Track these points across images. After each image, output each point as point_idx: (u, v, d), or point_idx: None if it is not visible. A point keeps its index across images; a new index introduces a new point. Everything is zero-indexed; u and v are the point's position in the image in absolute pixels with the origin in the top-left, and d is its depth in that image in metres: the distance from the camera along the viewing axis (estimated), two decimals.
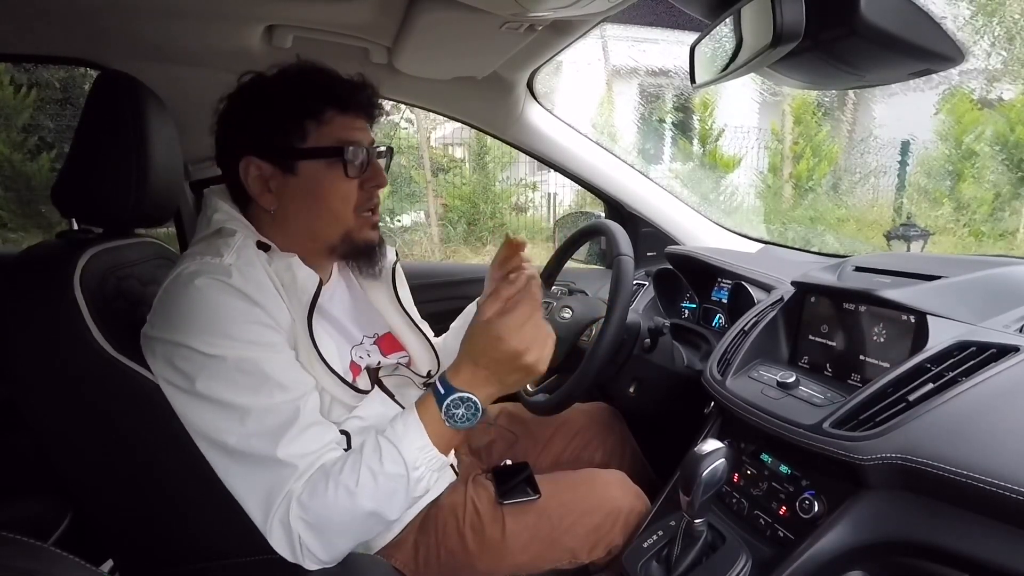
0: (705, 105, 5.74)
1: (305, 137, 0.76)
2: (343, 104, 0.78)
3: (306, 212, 0.79)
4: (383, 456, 0.67)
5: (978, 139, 4.77)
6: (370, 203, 0.82)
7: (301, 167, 0.76)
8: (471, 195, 6.02)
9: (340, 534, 0.68)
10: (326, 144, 0.76)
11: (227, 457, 0.67)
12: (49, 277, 0.72)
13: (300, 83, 0.77)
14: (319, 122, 0.76)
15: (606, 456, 1.10)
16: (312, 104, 0.76)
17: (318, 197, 0.78)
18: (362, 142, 0.79)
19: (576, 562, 0.85)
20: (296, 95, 0.76)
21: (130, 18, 1.01)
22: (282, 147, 0.76)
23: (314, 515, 0.66)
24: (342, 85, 0.78)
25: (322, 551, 0.67)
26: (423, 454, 0.69)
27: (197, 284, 0.68)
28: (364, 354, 0.86)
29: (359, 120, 0.80)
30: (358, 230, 0.81)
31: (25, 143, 4.80)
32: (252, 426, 0.67)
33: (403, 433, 0.69)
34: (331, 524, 0.67)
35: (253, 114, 0.77)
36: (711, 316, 1.24)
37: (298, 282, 0.75)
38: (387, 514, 0.69)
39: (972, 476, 0.53)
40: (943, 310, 0.71)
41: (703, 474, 0.64)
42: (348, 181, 0.78)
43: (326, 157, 0.76)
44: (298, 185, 0.77)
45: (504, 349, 0.67)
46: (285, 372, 0.70)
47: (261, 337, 0.70)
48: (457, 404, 0.69)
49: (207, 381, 0.67)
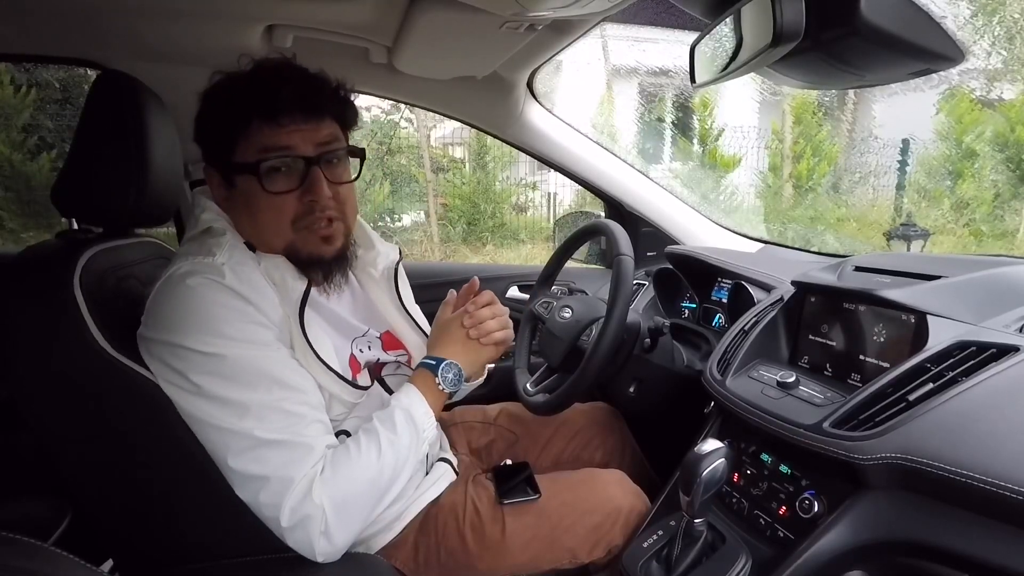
0: (705, 105, 5.73)
1: (234, 150, 0.74)
2: (269, 112, 0.72)
3: (248, 224, 0.77)
4: (396, 425, 0.74)
5: (978, 139, 4.77)
6: (311, 216, 0.76)
7: (237, 180, 0.75)
8: (471, 195, 6.01)
9: (359, 509, 0.71)
10: (250, 158, 0.73)
11: (236, 450, 0.67)
12: (49, 277, 0.72)
13: (227, 92, 0.74)
14: (245, 134, 0.73)
15: (606, 456, 1.10)
16: (237, 114, 0.73)
17: (252, 211, 0.76)
18: (295, 149, 0.73)
19: (576, 562, 0.85)
20: (221, 106, 0.74)
21: (130, 18, 1.01)
22: (218, 160, 0.76)
23: (340, 490, 0.68)
24: (267, 91, 0.72)
25: (339, 531, 0.69)
26: (428, 419, 0.78)
27: (190, 284, 0.68)
28: (366, 346, 0.86)
29: (298, 125, 0.73)
30: (302, 244, 0.77)
31: (25, 143, 4.80)
32: (254, 419, 0.67)
33: (409, 403, 0.77)
34: (353, 497, 0.70)
35: (197, 123, 0.77)
36: (711, 316, 1.24)
37: (288, 283, 0.76)
38: (399, 483, 0.75)
39: (972, 476, 0.53)
40: (943, 310, 0.71)
41: (703, 474, 0.64)
42: (276, 195, 0.73)
43: (247, 173, 0.73)
44: (238, 198, 0.77)
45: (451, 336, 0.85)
46: (282, 369, 0.70)
47: (256, 336, 0.70)
48: (448, 368, 0.81)
49: (206, 379, 0.67)
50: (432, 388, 0.80)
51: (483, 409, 1.16)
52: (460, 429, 1.12)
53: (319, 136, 0.75)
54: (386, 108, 5.74)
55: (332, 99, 0.78)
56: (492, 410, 1.15)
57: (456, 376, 0.82)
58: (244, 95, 0.73)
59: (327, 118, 0.77)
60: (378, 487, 0.72)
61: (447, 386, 0.80)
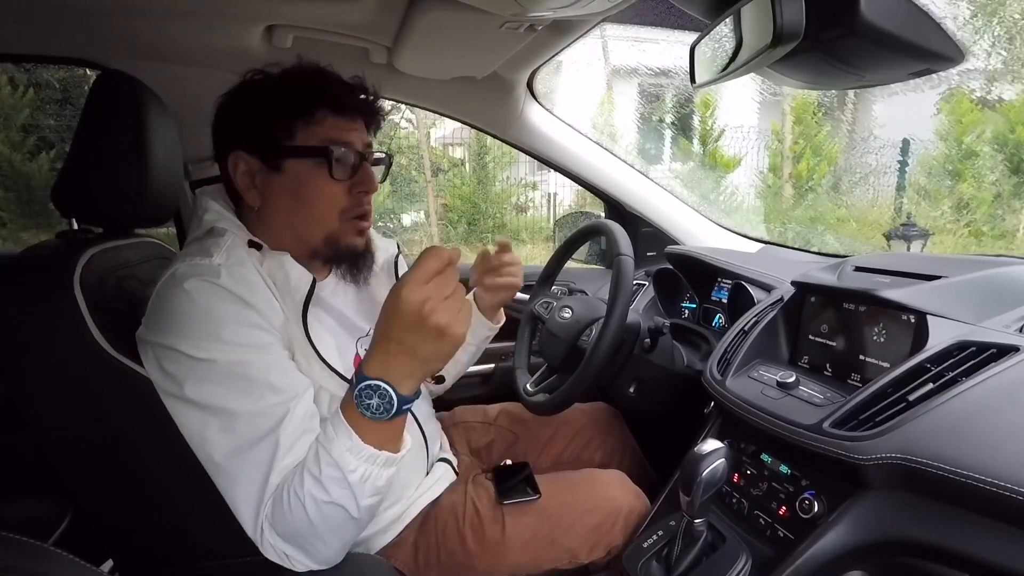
0: (705, 105, 5.74)
1: (293, 135, 0.75)
2: (335, 105, 0.77)
3: (289, 211, 0.78)
4: (320, 461, 0.63)
5: (978, 139, 4.78)
6: (358, 209, 0.80)
7: (287, 165, 0.76)
8: (471, 195, 6.02)
9: (316, 540, 0.65)
10: (314, 143, 0.75)
11: (215, 464, 0.66)
12: (49, 277, 0.72)
13: (294, 81, 0.77)
14: (309, 121, 0.75)
15: (606, 456, 1.10)
16: (303, 102, 0.76)
17: (301, 197, 0.77)
18: (353, 144, 0.78)
19: (576, 562, 0.85)
20: (288, 92, 0.76)
21: (130, 18, 1.01)
22: (269, 143, 0.76)
23: (282, 528, 0.64)
24: (337, 86, 0.78)
25: (308, 559, 0.66)
26: (353, 455, 0.62)
27: (186, 287, 0.67)
28: None
29: (353, 122, 0.79)
30: (343, 235, 0.80)
31: (25, 143, 4.80)
32: (242, 431, 0.65)
33: (332, 436, 0.63)
34: (301, 534, 0.64)
35: (245, 109, 0.77)
36: (711, 316, 1.24)
37: (291, 281, 0.75)
38: (351, 513, 0.64)
39: (972, 476, 0.53)
40: (943, 310, 0.71)
41: (703, 474, 0.64)
42: (334, 183, 0.76)
43: (312, 156, 0.75)
44: (283, 183, 0.76)
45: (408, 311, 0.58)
46: (277, 374, 0.68)
47: (251, 339, 0.68)
48: (369, 394, 0.61)
49: (196, 385, 0.66)
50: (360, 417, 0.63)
51: (483, 409, 1.16)
52: (460, 429, 1.12)
53: (365, 137, 0.81)
54: (386, 108, 5.74)
55: (377, 106, 0.83)
56: (492, 410, 1.15)
57: (383, 402, 0.61)
58: (313, 84, 0.77)
59: (369, 122, 0.83)
60: (318, 522, 0.64)
61: (372, 415, 0.62)
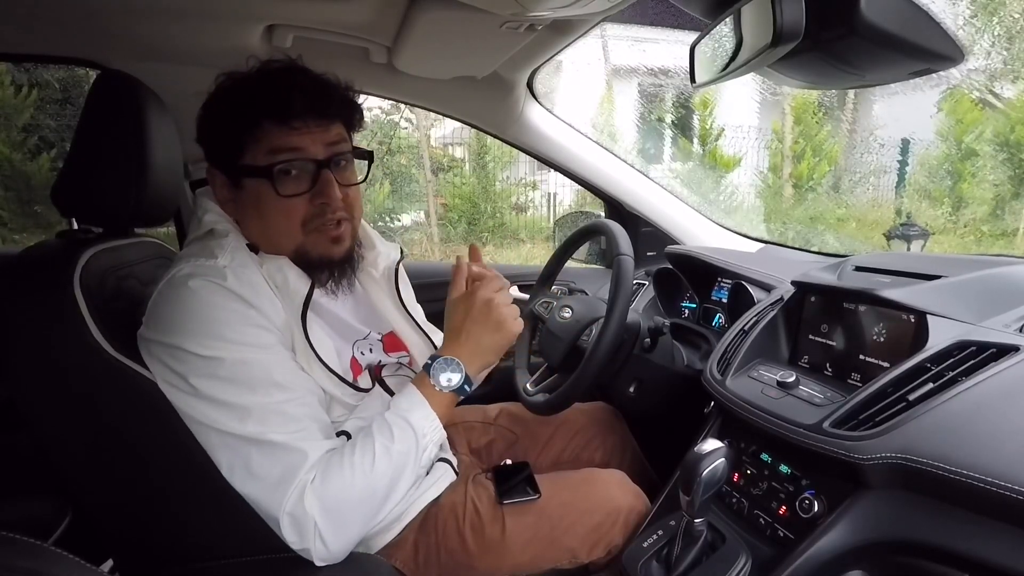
0: (705, 104, 5.74)
1: (243, 151, 0.73)
2: (280, 114, 0.72)
3: (258, 225, 0.77)
4: (393, 431, 0.72)
5: (978, 139, 4.78)
6: (321, 218, 0.76)
7: (245, 182, 0.75)
8: (471, 195, 6.02)
9: (354, 517, 0.70)
10: (260, 161, 0.72)
11: (234, 452, 0.68)
12: (49, 277, 0.72)
13: (236, 95, 0.73)
14: (253, 136, 0.72)
15: (606, 456, 1.10)
16: (246, 116, 0.72)
17: (262, 213, 0.75)
18: (306, 152, 0.73)
19: (576, 562, 0.85)
20: (233, 107, 0.73)
21: (130, 18, 1.01)
22: (225, 161, 0.75)
23: (331, 499, 0.67)
24: (278, 93, 0.72)
25: (335, 538, 0.68)
26: (428, 423, 0.75)
27: (191, 286, 0.68)
28: (367, 349, 0.86)
29: (308, 128, 0.73)
30: (312, 246, 0.77)
31: (25, 143, 4.80)
32: (255, 422, 0.67)
33: (408, 407, 0.75)
34: (347, 506, 0.68)
35: (203, 123, 0.76)
36: (711, 316, 1.24)
37: (290, 284, 0.76)
38: (398, 490, 0.73)
39: (972, 476, 0.53)
40: (943, 310, 0.71)
41: (703, 474, 0.64)
42: (287, 198, 0.73)
43: (257, 176, 0.73)
44: (245, 199, 0.76)
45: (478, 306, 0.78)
46: (283, 372, 0.70)
47: (257, 339, 0.70)
48: (443, 367, 0.77)
49: (206, 381, 0.67)
50: (433, 392, 0.77)
51: (483, 409, 1.16)
52: (460, 429, 1.12)
53: (328, 138, 0.75)
54: (386, 108, 5.75)
55: (341, 101, 0.77)
56: (492, 410, 1.15)
57: (453, 374, 0.77)
58: (254, 96, 0.72)
59: (335, 120, 0.77)
60: (374, 495, 0.70)
61: (449, 388, 0.77)
